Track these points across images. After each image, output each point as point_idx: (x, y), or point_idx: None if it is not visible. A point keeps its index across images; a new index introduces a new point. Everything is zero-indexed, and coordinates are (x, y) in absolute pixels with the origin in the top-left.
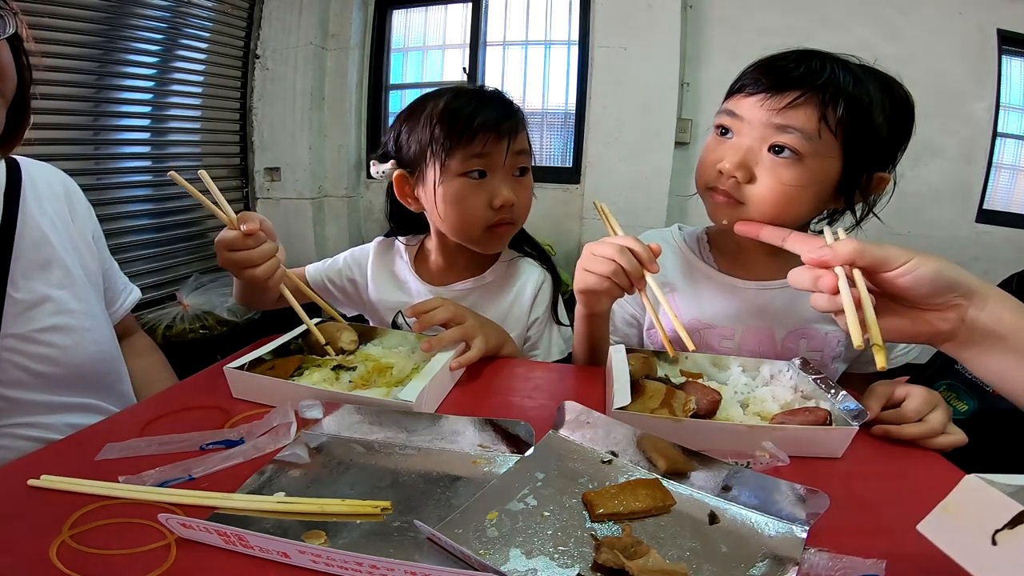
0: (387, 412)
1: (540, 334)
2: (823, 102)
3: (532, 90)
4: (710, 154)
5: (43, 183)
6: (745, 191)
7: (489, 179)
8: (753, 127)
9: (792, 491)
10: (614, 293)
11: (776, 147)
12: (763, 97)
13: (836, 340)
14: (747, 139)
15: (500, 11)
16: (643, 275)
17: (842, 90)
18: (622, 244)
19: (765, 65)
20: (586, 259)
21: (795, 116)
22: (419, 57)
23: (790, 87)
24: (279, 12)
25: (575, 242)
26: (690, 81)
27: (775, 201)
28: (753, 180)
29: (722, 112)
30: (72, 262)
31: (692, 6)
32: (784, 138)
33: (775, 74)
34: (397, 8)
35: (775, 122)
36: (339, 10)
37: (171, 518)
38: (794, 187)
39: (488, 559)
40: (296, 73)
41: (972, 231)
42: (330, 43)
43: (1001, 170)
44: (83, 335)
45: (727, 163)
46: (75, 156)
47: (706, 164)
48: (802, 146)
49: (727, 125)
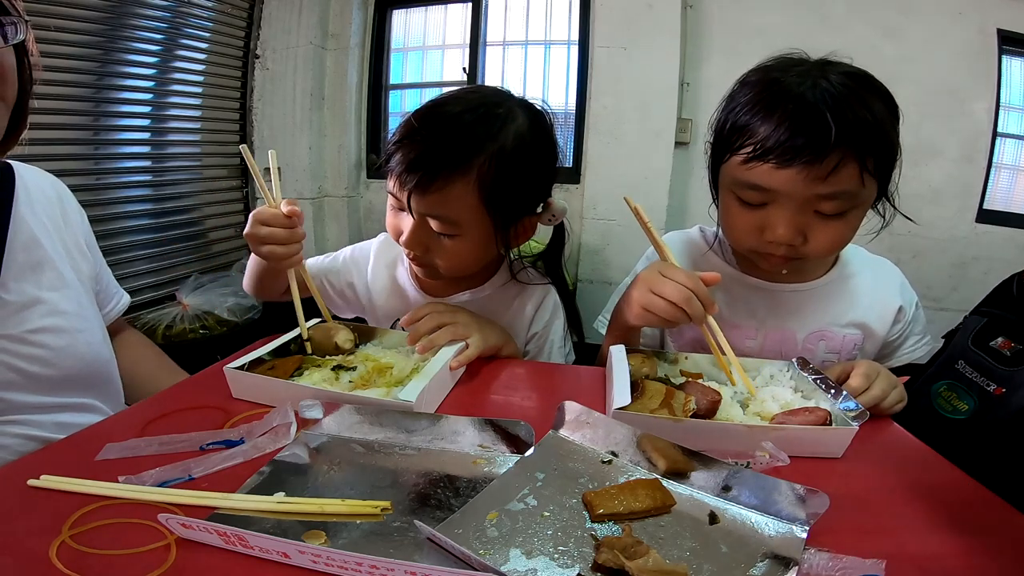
0: (387, 412)
1: (539, 349)
2: (859, 155)
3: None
4: (742, 219)
5: (35, 187)
6: (802, 251)
7: (405, 215)
8: (794, 199)
9: (792, 491)
10: (670, 327)
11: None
12: (800, 170)
13: (852, 343)
14: (789, 210)
15: (500, 11)
16: (705, 317)
17: (869, 129)
18: (687, 288)
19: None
20: (645, 297)
21: (839, 181)
22: (419, 57)
23: (824, 152)
24: (279, 12)
25: (575, 242)
26: (690, 81)
27: (833, 250)
28: (807, 240)
29: (746, 186)
30: (64, 265)
31: (692, 6)
32: (832, 204)
33: (796, 140)
34: (397, 8)
35: (820, 192)
36: (339, 10)
37: (171, 518)
38: (849, 233)
39: (488, 559)
40: (296, 73)
41: (972, 231)
42: (330, 43)
43: (1001, 170)
44: (75, 336)
45: (781, 234)
46: (75, 156)
47: (742, 228)
48: (850, 204)
49: (760, 201)
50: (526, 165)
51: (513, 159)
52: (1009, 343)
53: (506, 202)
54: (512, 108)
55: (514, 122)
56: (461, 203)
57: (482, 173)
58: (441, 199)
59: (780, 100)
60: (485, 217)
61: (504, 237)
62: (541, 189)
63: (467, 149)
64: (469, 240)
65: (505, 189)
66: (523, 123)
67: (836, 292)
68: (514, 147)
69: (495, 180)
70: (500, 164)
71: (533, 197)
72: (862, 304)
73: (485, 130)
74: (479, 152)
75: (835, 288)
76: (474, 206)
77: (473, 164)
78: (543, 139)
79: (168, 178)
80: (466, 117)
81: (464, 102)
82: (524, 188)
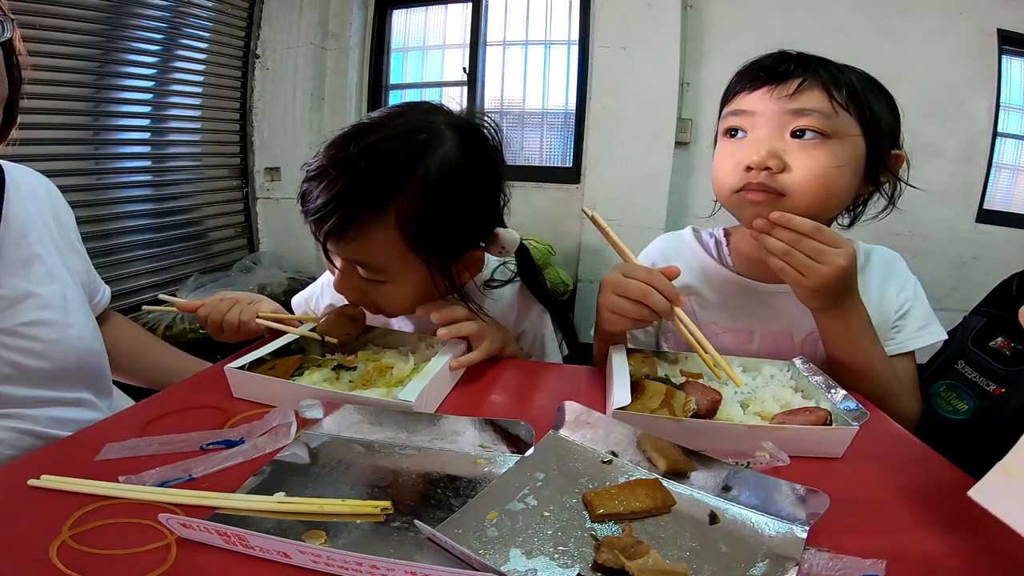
0: (387, 412)
1: (531, 343)
2: (825, 83)
3: (532, 90)
4: (726, 159)
5: (26, 186)
6: (783, 181)
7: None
8: (768, 118)
9: (792, 491)
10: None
11: (798, 131)
12: (769, 88)
13: None
14: (765, 131)
15: (500, 11)
16: (672, 310)
17: (835, 73)
18: (646, 283)
19: (756, 65)
20: (610, 300)
21: (807, 99)
22: (419, 57)
23: (791, 76)
24: (279, 12)
25: (574, 242)
26: (690, 81)
27: (817, 184)
28: (787, 169)
29: (727, 116)
30: (55, 261)
31: (692, 6)
32: (804, 121)
33: (769, 68)
34: (397, 8)
35: (790, 108)
36: (339, 10)
37: (171, 518)
38: (832, 167)
39: (488, 559)
40: (296, 73)
41: (972, 231)
42: (330, 43)
43: (1001, 170)
44: (67, 330)
45: (754, 156)
46: (75, 156)
47: (725, 169)
48: (824, 124)
49: (737, 125)
50: (457, 197)
51: (439, 193)
52: (1009, 343)
53: (438, 241)
54: (438, 131)
55: (439, 148)
56: (382, 249)
57: (402, 214)
58: (360, 246)
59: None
60: (415, 260)
61: (445, 278)
62: (483, 219)
63: (381, 188)
64: (403, 285)
65: (433, 227)
66: (451, 148)
67: None
68: (439, 179)
69: (420, 219)
70: (423, 201)
71: (473, 230)
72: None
73: (402, 163)
74: (397, 190)
75: None
76: (399, 250)
77: (390, 205)
78: (478, 163)
79: (168, 178)
80: (380, 148)
81: (381, 130)
82: (459, 222)
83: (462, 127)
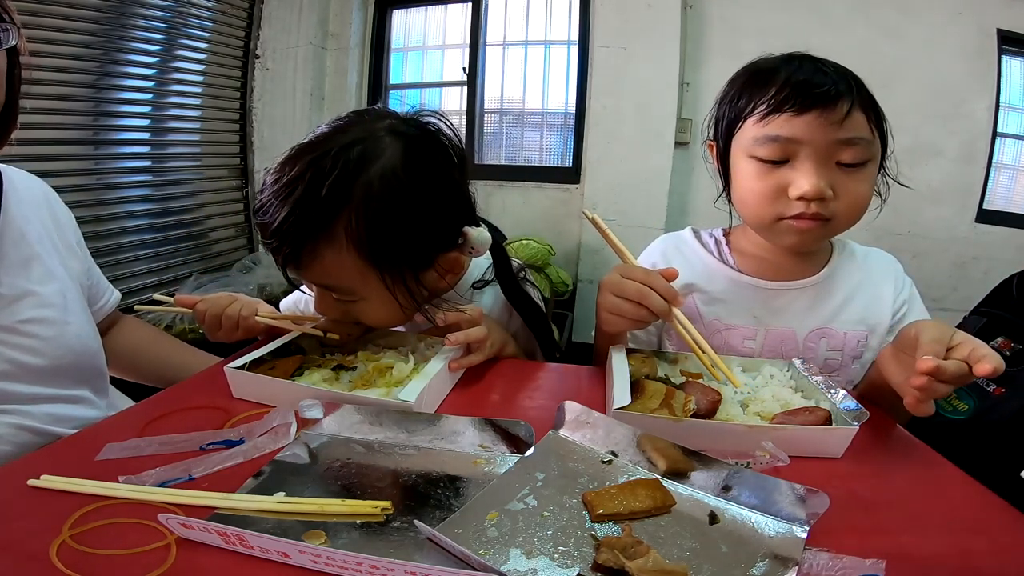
0: (387, 412)
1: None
2: (864, 106)
3: (532, 90)
4: (762, 182)
5: (24, 189)
6: (831, 208)
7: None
8: (817, 148)
9: (792, 491)
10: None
11: (847, 163)
12: (818, 114)
13: (855, 340)
14: (813, 161)
15: (500, 11)
16: (670, 311)
17: (863, 87)
18: (644, 284)
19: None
20: (608, 301)
21: (855, 126)
22: (419, 57)
23: (837, 96)
24: (279, 12)
25: (574, 242)
26: (690, 81)
27: (859, 209)
28: (836, 196)
29: (766, 140)
30: (53, 261)
31: (692, 6)
32: (852, 152)
33: (809, 87)
34: (397, 8)
35: (840, 137)
36: (339, 10)
37: (171, 518)
38: (870, 190)
39: (488, 559)
40: (296, 73)
41: (972, 231)
42: (330, 43)
43: (1001, 170)
44: (65, 328)
45: (808, 188)
46: (75, 156)
47: (764, 193)
48: (867, 152)
49: (780, 155)
50: (407, 204)
51: (385, 204)
52: (1009, 343)
53: (398, 252)
54: (376, 141)
55: (378, 160)
56: (340, 270)
57: (351, 232)
58: (317, 271)
59: (783, 63)
60: (378, 275)
61: (419, 287)
62: (444, 222)
63: (324, 210)
64: (374, 301)
65: (388, 239)
66: (392, 157)
67: (834, 288)
68: (383, 190)
69: (371, 234)
70: (370, 215)
71: (437, 234)
72: (862, 298)
73: (341, 180)
74: (340, 208)
75: (832, 284)
76: (359, 268)
77: (336, 225)
78: (426, 166)
79: (168, 178)
80: (317, 168)
81: (317, 148)
82: (416, 230)
83: (405, 132)
